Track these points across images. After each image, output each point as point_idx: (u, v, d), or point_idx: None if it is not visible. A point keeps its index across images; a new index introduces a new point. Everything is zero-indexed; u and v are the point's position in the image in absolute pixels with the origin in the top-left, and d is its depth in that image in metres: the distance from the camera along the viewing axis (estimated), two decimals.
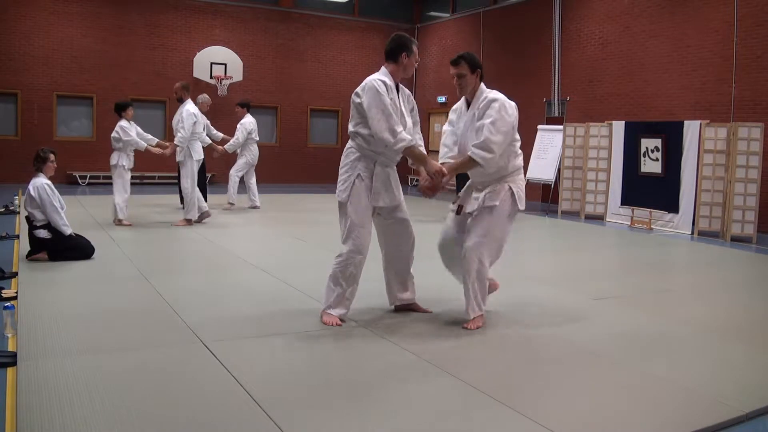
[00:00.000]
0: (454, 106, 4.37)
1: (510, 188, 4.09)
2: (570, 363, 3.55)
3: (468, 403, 2.94)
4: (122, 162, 8.14)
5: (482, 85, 4.17)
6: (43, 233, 5.77)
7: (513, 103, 4.07)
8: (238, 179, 10.24)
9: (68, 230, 5.85)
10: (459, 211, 4.24)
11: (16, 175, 13.46)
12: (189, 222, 8.30)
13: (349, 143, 4.10)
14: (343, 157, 4.13)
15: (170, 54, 15.05)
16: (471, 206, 4.14)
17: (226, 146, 10.09)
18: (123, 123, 8.16)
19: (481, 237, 4.01)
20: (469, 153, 3.94)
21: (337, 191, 4.08)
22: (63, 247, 5.77)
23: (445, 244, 4.36)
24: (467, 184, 4.33)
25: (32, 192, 5.79)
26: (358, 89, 3.98)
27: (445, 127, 4.39)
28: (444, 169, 3.96)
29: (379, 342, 3.77)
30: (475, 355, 3.65)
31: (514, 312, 4.55)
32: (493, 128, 3.90)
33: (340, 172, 4.09)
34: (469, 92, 4.15)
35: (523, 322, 4.33)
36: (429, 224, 9.44)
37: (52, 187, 5.88)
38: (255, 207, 10.32)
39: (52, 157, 6.06)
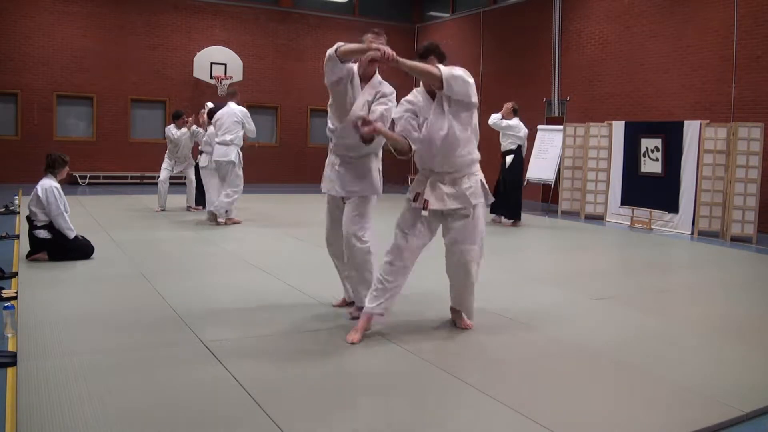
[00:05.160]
0: (410, 99, 4.02)
1: (481, 181, 3.88)
2: (570, 363, 3.55)
3: (468, 402, 2.94)
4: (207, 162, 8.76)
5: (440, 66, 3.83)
6: (43, 233, 5.76)
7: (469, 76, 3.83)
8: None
9: (72, 234, 5.86)
10: (425, 206, 3.79)
11: (16, 175, 13.46)
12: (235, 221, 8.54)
13: None
14: None
15: (170, 54, 15.05)
16: (443, 203, 3.77)
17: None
18: (199, 129, 9.06)
19: (472, 243, 3.83)
20: (433, 74, 3.67)
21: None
22: (63, 248, 5.77)
23: (399, 247, 3.87)
24: (418, 177, 3.94)
25: (39, 192, 5.76)
26: None
27: (403, 105, 4.02)
28: (388, 51, 3.59)
29: (378, 342, 3.77)
30: (475, 355, 3.65)
31: (514, 312, 4.55)
32: (465, 75, 3.72)
33: None
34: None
35: (522, 321, 4.33)
36: None
37: (60, 190, 5.86)
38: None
39: (67, 161, 6.08)
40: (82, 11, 14.16)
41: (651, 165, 10.16)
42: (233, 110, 8.39)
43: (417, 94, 3.96)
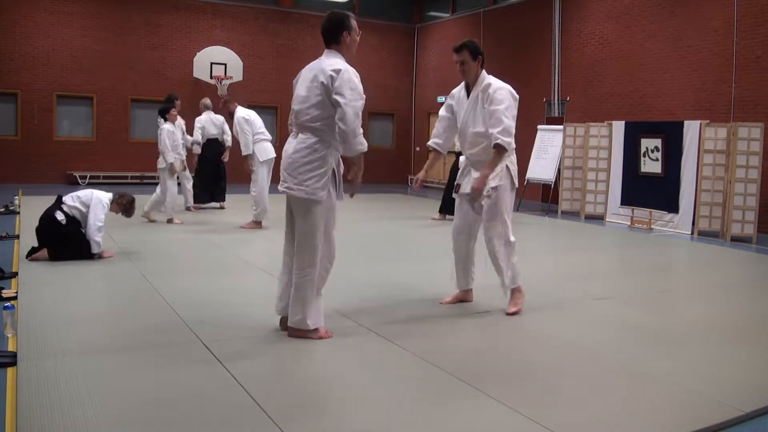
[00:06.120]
0: (453, 92, 4.62)
1: (507, 167, 4.39)
2: (569, 363, 3.55)
3: (467, 402, 2.93)
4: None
5: (483, 71, 4.44)
6: (61, 215, 5.80)
7: (515, 93, 4.41)
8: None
9: (97, 249, 5.87)
10: (457, 189, 4.57)
11: (16, 175, 13.48)
12: (258, 225, 8.34)
13: None
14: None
15: (170, 54, 15.05)
16: (470, 187, 4.42)
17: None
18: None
19: (494, 220, 4.38)
20: (496, 142, 4.20)
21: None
22: (64, 246, 5.77)
23: (455, 230, 4.65)
24: (462, 167, 4.60)
25: (95, 196, 5.92)
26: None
27: (442, 112, 4.67)
28: (479, 184, 4.27)
29: (378, 341, 3.77)
30: (475, 355, 3.65)
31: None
32: (508, 113, 4.24)
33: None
34: (471, 77, 4.42)
35: (522, 321, 4.33)
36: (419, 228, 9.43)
37: (107, 211, 5.98)
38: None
39: (124, 203, 6.20)
40: (82, 11, 14.17)
41: (651, 165, 10.16)
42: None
43: (460, 88, 4.57)
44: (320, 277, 3.73)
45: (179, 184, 10.06)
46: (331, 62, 3.66)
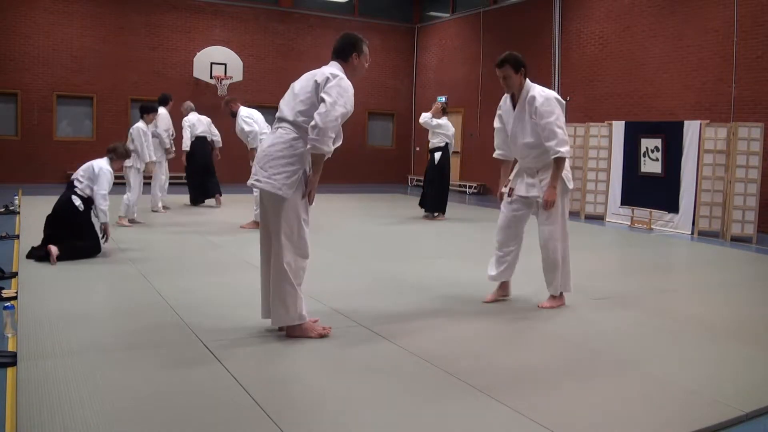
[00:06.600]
0: (500, 104, 4.68)
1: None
2: (569, 363, 3.55)
3: (467, 402, 2.93)
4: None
5: (527, 81, 4.45)
6: (78, 201, 5.92)
7: (561, 99, 4.49)
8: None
9: (105, 218, 5.99)
10: (510, 193, 4.66)
11: (16, 175, 13.47)
12: (259, 225, 8.24)
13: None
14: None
15: (170, 54, 15.05)
16: (524, 191, 4.56)
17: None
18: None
19: (552, 224, 4.51)
20: (555, 156, 4.34)
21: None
22: (78, 237, 5.86)
23: (501, 227, 4.74)
24: (516, 170, 4.72)
25: (95, 168, 6.02)
26: None
27: (496, 123, 4.74)
28: (549, 196, 4.42)
29: (378, 341, 3.77)
30: (475, 355, 3.65)
31: (514, 311, 4.55)
32: (559, 122, 4.36)
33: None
34: (516, 89, 4.46)
35: (522, 321, 4.33)
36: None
37: (113, 175, 6.13)
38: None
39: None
40: (82, 11, 14.17)
41: (651, 165, 10.16)
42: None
43: (506, 99, 4.62)
44: (295, 274, 3.67)
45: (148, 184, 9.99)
46: (331, 69, 3.72)
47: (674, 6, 11.06)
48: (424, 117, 9.77)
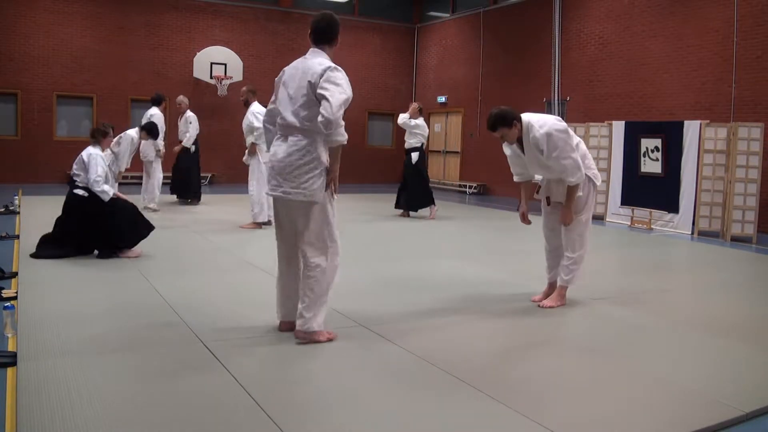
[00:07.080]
0: (504, 146, 4.69)
1: (586, 174, 4.58)
2: (569, 362, 3.55)
3: (468, 402, 2.94)
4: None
5: (523, 123, 4.43)
6: (81, 192, 5.99)
7: (560, 124, 4.45)
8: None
9: (107, 196, 6.01)
10: (548, 202, 4.83)
11: (16, 175, 13.47)
12: (258, 225, 8.27)
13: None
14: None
15: (170, 54, 15.05)
16: (560, 196, 4.67)
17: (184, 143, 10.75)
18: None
19: (573, 228, 4.64)
20: (570, 184, 4.49)
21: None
22: (92, 226, 5.97)
23: (546, 235, 4.93)
24: (543, 183, 4.87)
25: (84, 156, 6.06)
26: None
27: (506, 152, 4.74)
28: (566, 217, 4.60)
29: (378, 341, 3.77)
30: (475, 355, 3.65)
31: (514, 311, 4.55)
32: (567, 150, 4.37)
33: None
34: (516, 138, 4.48)
35: (522, 321, 4.33)
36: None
37: (103, 158, 6.16)
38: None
39: (111, 132, 6.45)
40: (82, 11, 14.17)
41: (651, 165, 10.16)
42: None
43: (506, 147, 4.65)
44: (330, 273, 3.71)
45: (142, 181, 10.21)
46: (318, 61, 3.74)
47: (674, 6, 11.06)
48: (402, 118, 9.78)
